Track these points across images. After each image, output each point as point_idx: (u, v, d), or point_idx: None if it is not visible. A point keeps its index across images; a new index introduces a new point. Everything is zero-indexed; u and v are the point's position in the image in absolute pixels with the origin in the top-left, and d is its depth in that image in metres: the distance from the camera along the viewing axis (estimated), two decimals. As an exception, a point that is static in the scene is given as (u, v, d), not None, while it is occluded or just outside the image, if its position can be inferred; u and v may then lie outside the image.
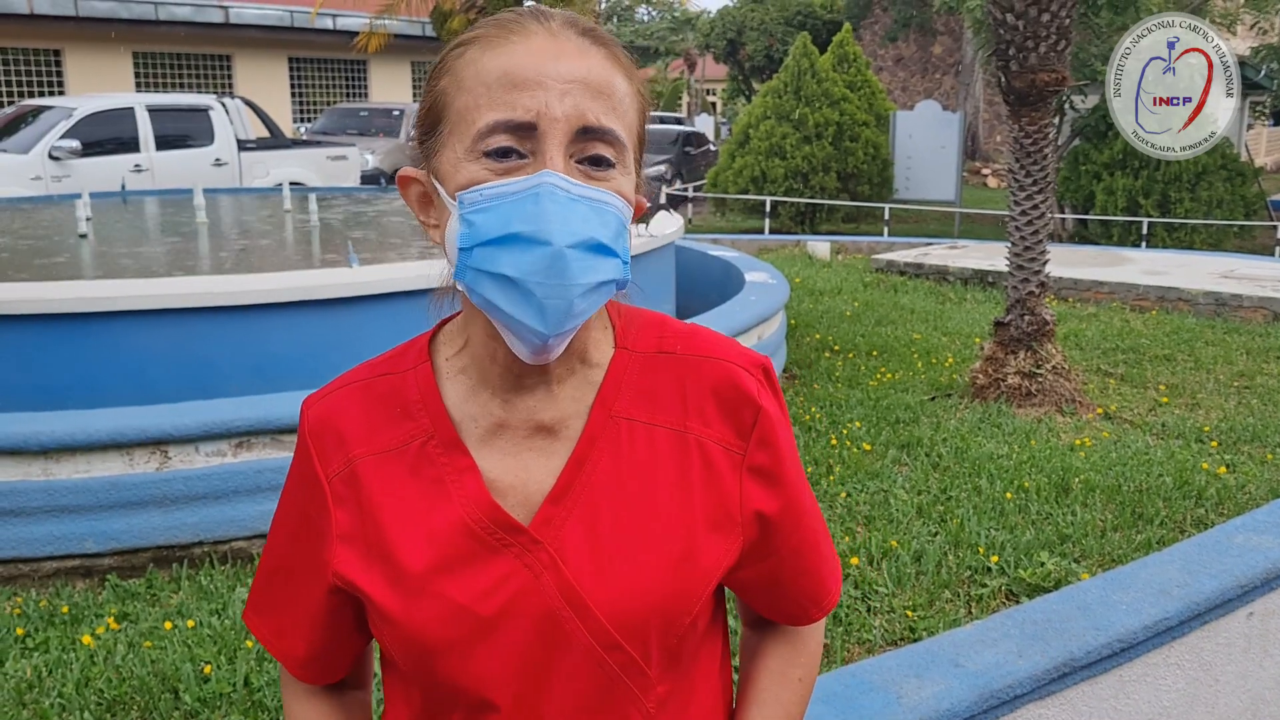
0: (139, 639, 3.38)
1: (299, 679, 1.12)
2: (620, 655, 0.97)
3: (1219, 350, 7.69)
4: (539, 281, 0.88)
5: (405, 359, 1.05)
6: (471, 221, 0.90)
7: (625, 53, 0.97)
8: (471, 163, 0.91)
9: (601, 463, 0.99)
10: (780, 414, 1.05)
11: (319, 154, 14.06)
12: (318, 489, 1.02)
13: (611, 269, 0.92)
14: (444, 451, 0.99)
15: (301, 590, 1.06)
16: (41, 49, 18.67)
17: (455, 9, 12.42)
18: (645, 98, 0.99)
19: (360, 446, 1.01)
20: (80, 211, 7.20)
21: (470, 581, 0.96)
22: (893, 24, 28.56)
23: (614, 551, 0.97)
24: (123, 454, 3.84)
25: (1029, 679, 2.27)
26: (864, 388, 6.49)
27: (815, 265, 11.75)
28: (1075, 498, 4.68)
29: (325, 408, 1.05)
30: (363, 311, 4.93)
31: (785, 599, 1.11)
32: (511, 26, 0.94)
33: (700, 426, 1.01)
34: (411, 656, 0.99)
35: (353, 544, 1.00)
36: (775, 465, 1.04)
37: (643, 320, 1.05)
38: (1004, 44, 6.17)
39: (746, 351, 1.06)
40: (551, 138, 0.89)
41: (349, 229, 8.21)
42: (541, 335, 0.90)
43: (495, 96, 0.90)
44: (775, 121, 15.58)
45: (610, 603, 0.96)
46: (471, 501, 0.97)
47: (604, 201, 0.91)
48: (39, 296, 4.56)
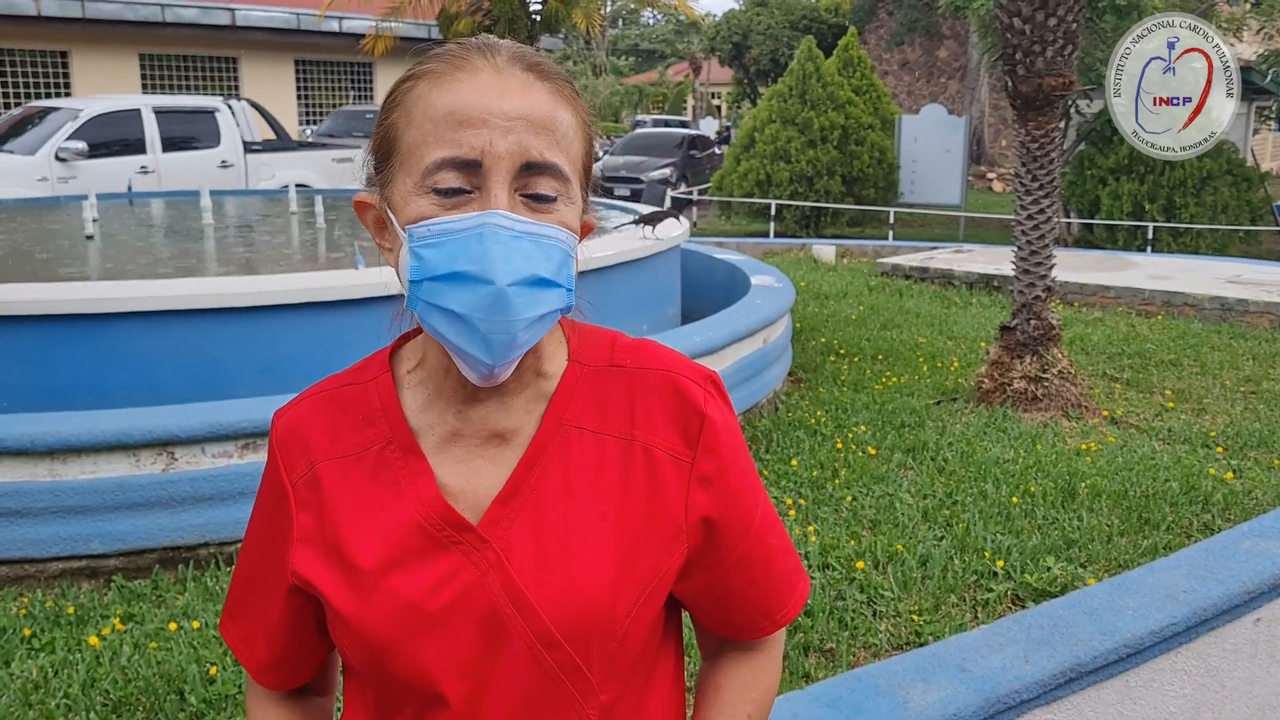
0: (145, 640, 3.38)
1: (262, 684, 1.15)
2: (559, 654, 1.00)
3: (1225, 355, 7.68)
4: (482, 318, 0.92)
5: (367, 370, 1.09)
6: (420, 255, 0.94)
7: (570, 85, 1.01)
8: (420, 197, 0.95)
9: (550, 468, 1.02)
10: (729, 424, 1.08)
11: (324, 156, 14.09)
12: (283, 495, 1.07)
13: (554, 299, 0.95)
14: (401, 456, 1.03)
15: (266, 595, 1.10)
16: (48, 50, 18.72)
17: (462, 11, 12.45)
18: (590, 126, 1.03)
19: (323, 452, 1.06)
20: (87, 213, 7.22)
21: (419, 577, 0.99)
22: (898, 28, 28.56)
23: (558, 553, 1.00)
24: (129, 455, 3.84)
25: (1035, 684, 2.27)
26: (869, 391, 6.49)
27: (820, 269, 11.75)
28: (1081, 502, 4.68)
29: (292, 417, 1.09)
30: (368, 313, 4.93)
31: (735, 610, 1.12)
32: (458, 63, 0.97)
33: (647, 435, 1.04)
34: (363, 654, 1.02)
35: (311, 544, 1.04)
36: (721, 473, 1.06)
37: (595, 336, 1.09)
38: (1011, 48, 6.17)
39: (694, 364, 1.10)
40: (496, 174, 0.93)
41: (354, 231, 8.22)
42: (487, 365, 0.95)
43: (442, 134, 0.94)
44: (780, 125, 15.58)
45: (551, 602, 0.99)
46: (424, 501, 1.01)
47: (547, 236, 0.94)
48: (46, 297, 4.57)
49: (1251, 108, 17.81)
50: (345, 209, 9.55)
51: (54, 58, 18.89)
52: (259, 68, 21.41)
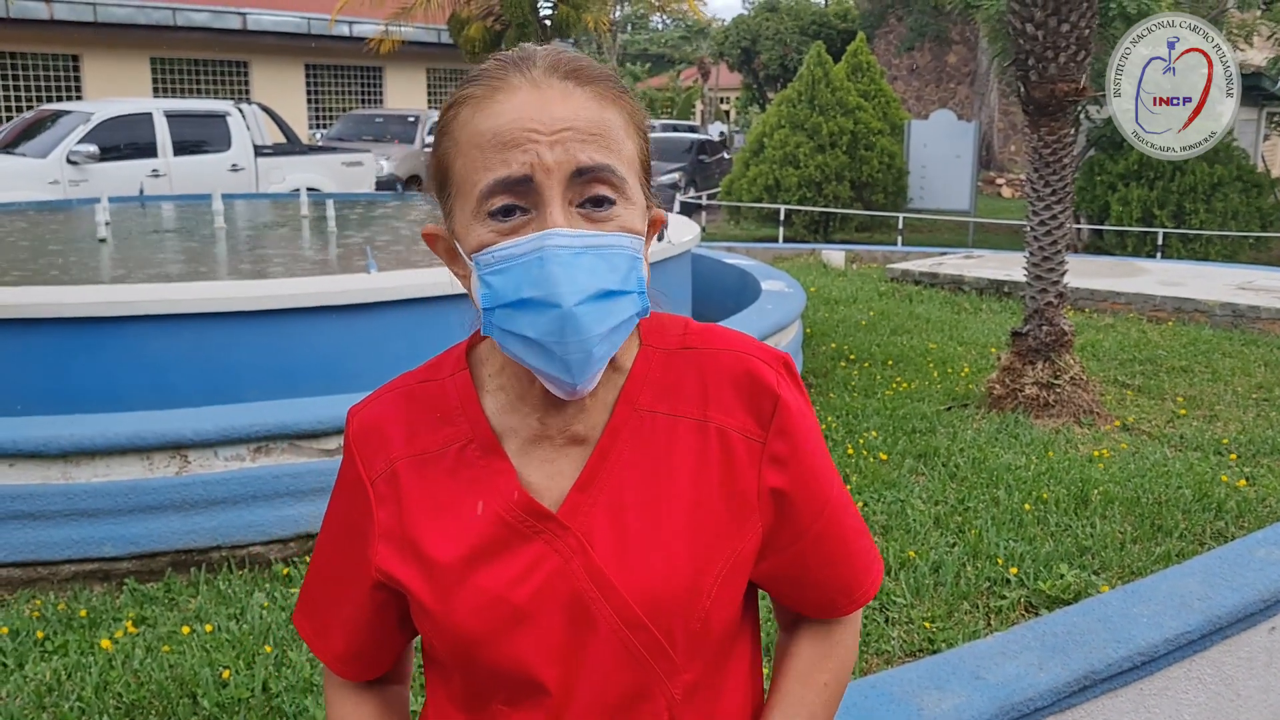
0: (157, 643, 3.39)
1: (339, 675, 1.16)
2: (645, 635, 1.01)
3: (1237, 362, 7.65)
4: (555, 341, 0.93)
5: (444, 367, 1.10)
6: (489, 283, 0.95)
7: (614, 83, 0.99)
8: (478, 224, 0.95)
9: (625, 453, 1.03)
10: (801, 405, 1.08)
11: (335, 160, 14.13)
12: (361, 491, 1.07)
13: (626, 307, 0.96)
14: (482, 455, 1.04)
15: (345, 590, 1.11)
16: (60, 54, 18.81)
17: (472, 16, 12.49)
18: (642, 122, 1.02)
19: (401, 449, 1.06)
20: (99, 216, 7.25)
21: (502, 569, 1.01)
22: (908, 33, 28.54)
23: (638, 535, 1.01)
24: (142, 458, 3.85)
25: (1049, 691, 2.26)
26: (880, 397, 6.48)
27: (830, 274, 11.74)
28: (1094, 509, 4.66)
29: (369, 414, 1.10)
30: (381, 317, 4.94)
31: (812, 589, 1.13)
32: (496, 84, 0.97)
33: (720, 416, 1.05)
34: (452, 647, 1.03)
35: (393, 541, 1.05)
36: (794, 454, 1.06)
37: (666, 321, 1.10)
38: (1023, 54, 6.16)
39: (767, 346, 1.10)
40: (548, 189, 0.93)
41: (366, 235, 8.24)
42: (570, 384, 0.96)
43: (489, 157, 0.94)
44: (789, 130, 15.58)
45: (634, 584, 1.00)
46: (503, 494, 1.02)
47: (609, 246, 0.94)
48: (59, 300, 4.59)
49: (1262, 114, 17.76)
50: (356, 212, 9.57)
51: (66, 61, 18.98)
52: (270, 72, 21.49)
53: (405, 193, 14.60)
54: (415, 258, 6.74)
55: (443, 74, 24.87)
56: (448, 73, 24.84)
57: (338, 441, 4.05)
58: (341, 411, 4.03)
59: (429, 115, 17.91)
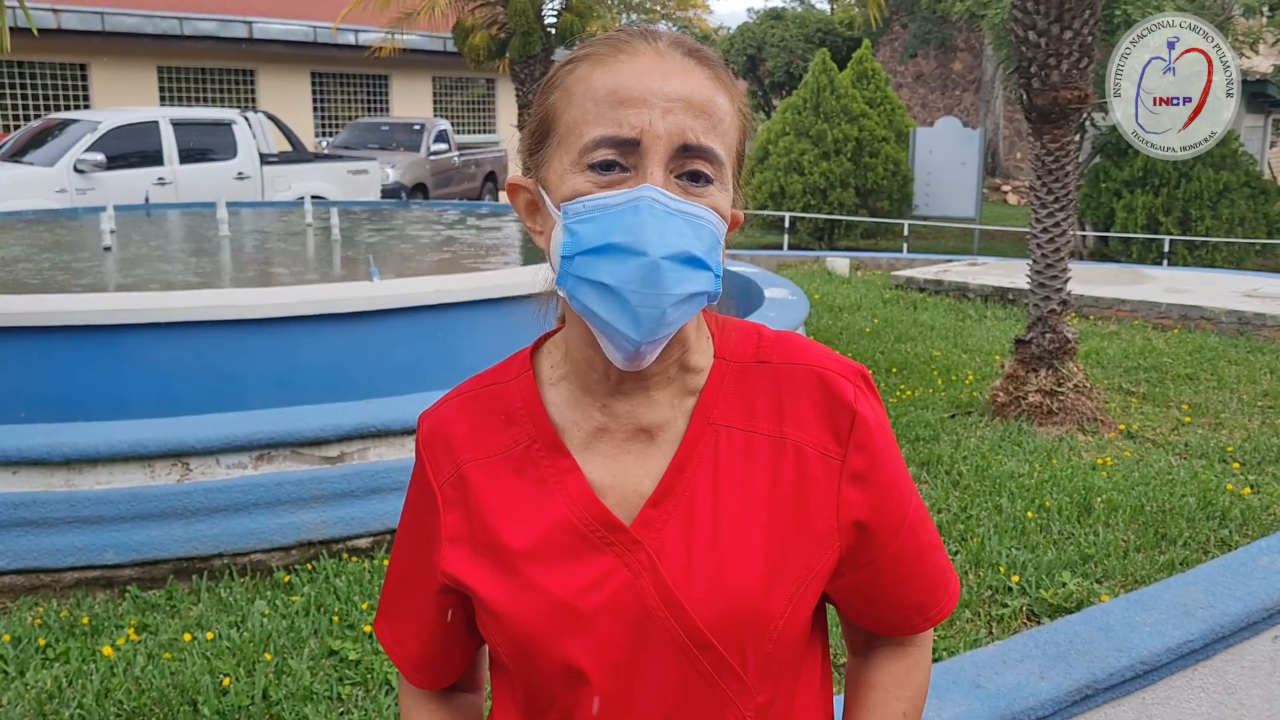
0: (159, 650, 3.39)
1: (414, 684, 1.17)
2: (712, 655, 1.00)
3: (1243, 370, 7.63)
4: (634, 290, 0.92)
5: (509, 370, 1.11)
6: (574, 231, 0.94)
7: (728, 73, 1.01)
8: (576, 174, 0.96)
9: (700, 469, 1.02)
10: (880, 419, 1.08)
11: (340, 168, 14.17)
12: (430, 496, 1.09)
13: (704, 281, 0.95)
14: (547, 454, 1.04)
15: (417, 595, 1.12)
16: (68, 63, 18.89)
17: (477, 25, 12.49)
18: (747, 116, 1.03)
19: (467, 452, 1.07)
20: (104, 224, 7.27)
21: (571, 576, 1.00)
22: (911, 40, 28.54)
23: (709, 554, 1.00)
24: (144, 465, 3.86)
25: (1050, 701, 2.26)
26: (884, 405, 6.46)
27: (835, 281, 11.73)
28: (1097, 517, 4.65)
29: (436, 419, 1.11)
30: (384, 325, 4.95)
31: (887, 607, 1.11)
32: (621, 46, 0.99)
33: (796, 432, 1.04)
34: (512, 649, 1.03)
35: (460, 544, 1.06)
36: (873, 470, 1.05)
37: (740, 330, 1.10)
38: (1026, 61, 6.16)
39: (843, 359, 1.09)
40: (653, 154, 0.94)
41: (370, 243, 8.26)
42: (634, 341, 0.94)
43: (602, 112, 0.95)
44: (794, 137, 15.58)
45: (704, 603, 0.99)
46: (576, 500, 1.02)
47: (699, 216, 0.95)
48: (64, 309, 4.60)
49: (1268, 120, 17.75)
50: (361, 220, 9.59)
51: (73, 70, 19.06)
52: (276, 80, 21.56)
53: (410, 200, 14.63)
54: (419, 266, 6.75)
55: (448, 82, 24.93)
56: (453, 81, 24.89)
57: (340, 449, 4.06)
58: (344, 420, 4.05)
59: (434, 123, 17.95)
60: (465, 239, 8.64)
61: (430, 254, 7.78)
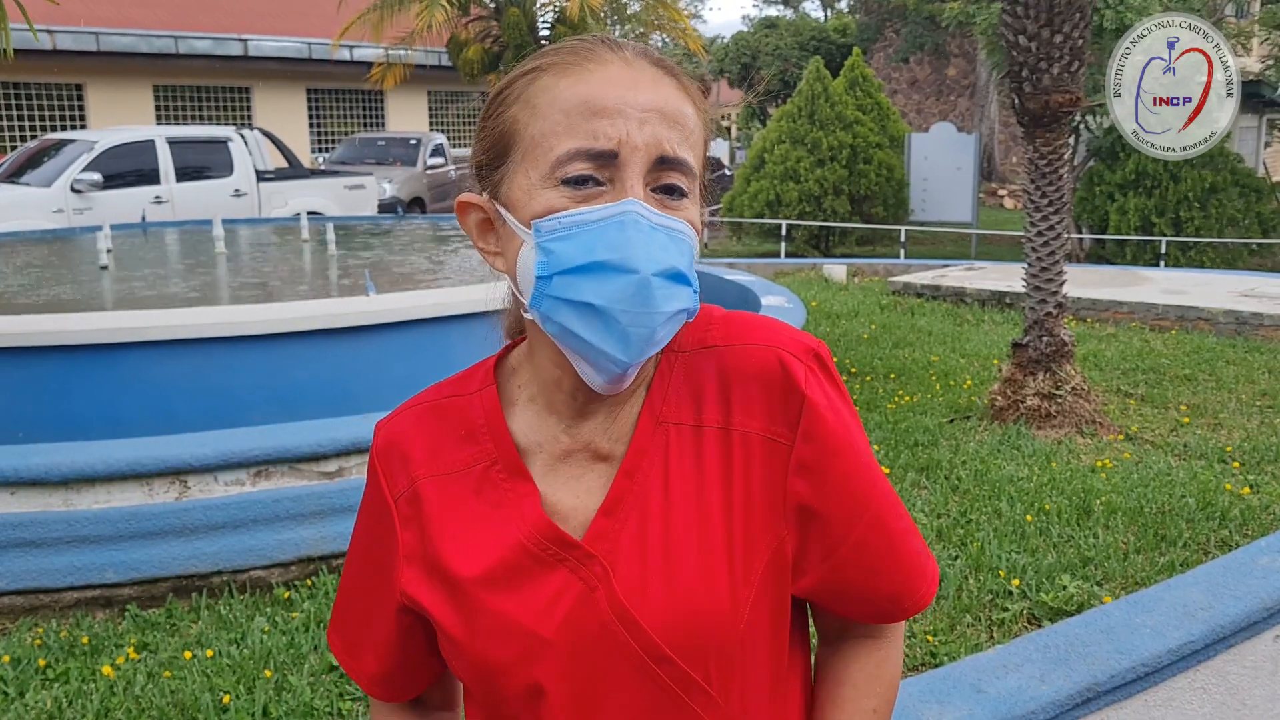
0: (158, 669, 3.38)
1: (373, 695, 1.14)
2: (672, 669, 0.96)
3: (1241, 370, 7.63)
4: (624, 309, 0.88)
5: (471, 381, 1.06)
6: (550, 249, 0.90)
7: (694, 83, 0.98)
8: (548, 190, 0.91)
9: (651, 472, 0.98)
10: (832, 403, 1.00)
11: (337, 184, 14.19)
12: (385, 510, 1.04)
13: (687, 297, 0.92)
14: (507, 477, 1.00)
15: (373, 609, 1.08)
16: (64, 84, 18.94)
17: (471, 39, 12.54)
18: (709, 126, 1.00)
19: (424, 467, 1.03)
20: (101, 243, 7.28)
21: (528, 599, 0.97)
22: (903, 44, 28.59)
23: (663, 563, 0.96)
24: (142, 484, 3.86)
25: (1052, 704, 2.25)
26: (882, 410, 6.47)
27: (832, 288, 11.74)
28: (1097, 520, 4.64)
29: (391, 430, 1.06)
30: (381, 340, 4.95)
31: (859, 601, 1.06)
32: (586, 54, 0.94)
33: (745, 420, 0.98)
34: (473, 674, 1.00)
35: (417, 563, 1.02)
36: (822, 459, 0.99)
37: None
38: (1017, 65, 6.18)
39: (794, 334, 1.02)
40: (632, 166, 0.90)
41: (367, 258, 8.27)
42: (621, 364, 0.90)
43: (574, 124, 0.91)
44: (790, 145, 15.61)
45: (660, 615, 0.95)
46: (528, 521, 0.98)
47: (680, 231, 0.92)
48: (61, 328, 4.60)
49: (1262, 120, 17.78)
50: (358, 236, 9.60)
51: (69, 90, 19.11)
52: (272, 97, 21.61)
53: (406, 215, 14.64)
54: (415, 280, 6.76)
55: (443, 97, 24.98)
56: (448, 95, 24.95)
57: (338, 464, 4.05)
58: (342, 434, 4.05)
59: (431, 138, 17.98)
60: (462, 252, 8.65)
61: (427, 267, 7.79)
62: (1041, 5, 6.02)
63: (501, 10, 13.32)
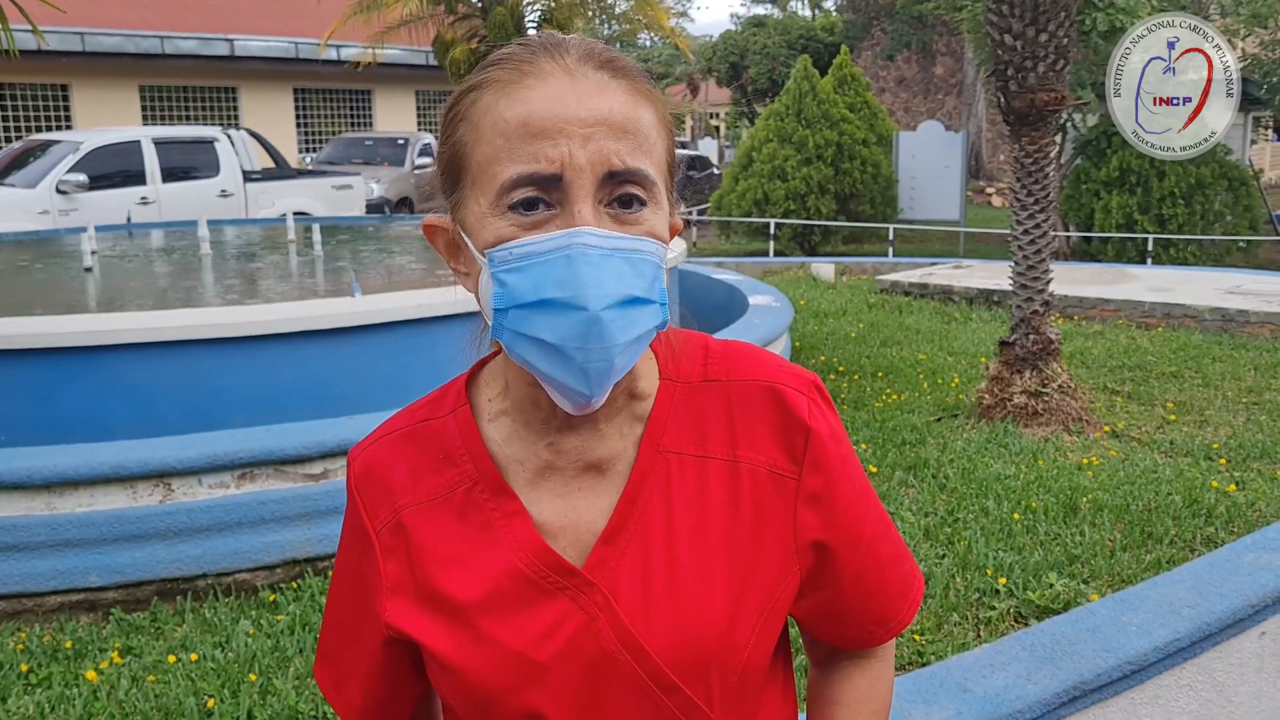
0: (142, 673, 3.36)
1: None
2: (678, 697, 0.95)
3: (1227, 367, 7.66)
4: (578, 347, 0.86)
5: (444, 403, 1.03)
6: (504, 281, 0.88)
7: (646, 78, 0.94)
8: (497, 218, 0.88)
9: (653, 501, 0.97)
10: (835, 433, 1.02)
11: (324, 184, 14.14)
12: (367, 543, 1.02)
13: (649, 317, 0.89)
14: (491, 496, 0.98)
15: (357, 642, 1.06)
16: (49, 84, 18.84)
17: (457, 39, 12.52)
18: (670, 122, 0.96)
19: (405, 496, 1.00)
20: (86, 245, 7.24)
21: (526, 626, 0.95)
22: (890, 42, 28.63)
23: (668, 591, 0.95)
24: (125, 487, 3.83)
25: (1038, 703, 2.25)
26: (870, 409, 6.47)
27: (820, 287, 11.75)
28: (1083, 517, 4.65)
29: (368, 459, 1.04)
30: (366, 341, 4.93)
31: (851, 624, 1.08)
32: (524, 68, 0.90)
33: (750, 454, 0.99)
34: (468, 703, 0.98)
35: (404, 595, 1.00)
36: (829, 489, 1.00)
37: (686, 347, 1.03)
38: (1003, 64, 6.19)
39: (793, 369, 1.03)
40: (578, 187, 0.87)
41: (352, 258, 8.24)
42: (584, 396, 0.89)
43: (515, 148, 0.87)
44: (778, 144, 15.62)
45: (666, 643, 0.95)
46: (522, 545, 0.96)
47: (637, 250, 0.88)
48: (45, 330, 4.57)
49: (1248, 118, 17.86)
50: (344, 236, 9.57)
51: (55, 91, 19.02)
52: (258, 97, 21.54)
53: (394, 215, 14.61)
54: (401, 281, 6.74)
55: (431, 96, 24.94)
56: (436, 95, 24.91)
57: (323, 466, 4.03)
58: (327, 436, 4.03)
59: (419, 138, 17.94)
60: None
61: (414, 268, 7.77)
62: (1027, 4, 6.03)
63: (488, 10, 13.30)
